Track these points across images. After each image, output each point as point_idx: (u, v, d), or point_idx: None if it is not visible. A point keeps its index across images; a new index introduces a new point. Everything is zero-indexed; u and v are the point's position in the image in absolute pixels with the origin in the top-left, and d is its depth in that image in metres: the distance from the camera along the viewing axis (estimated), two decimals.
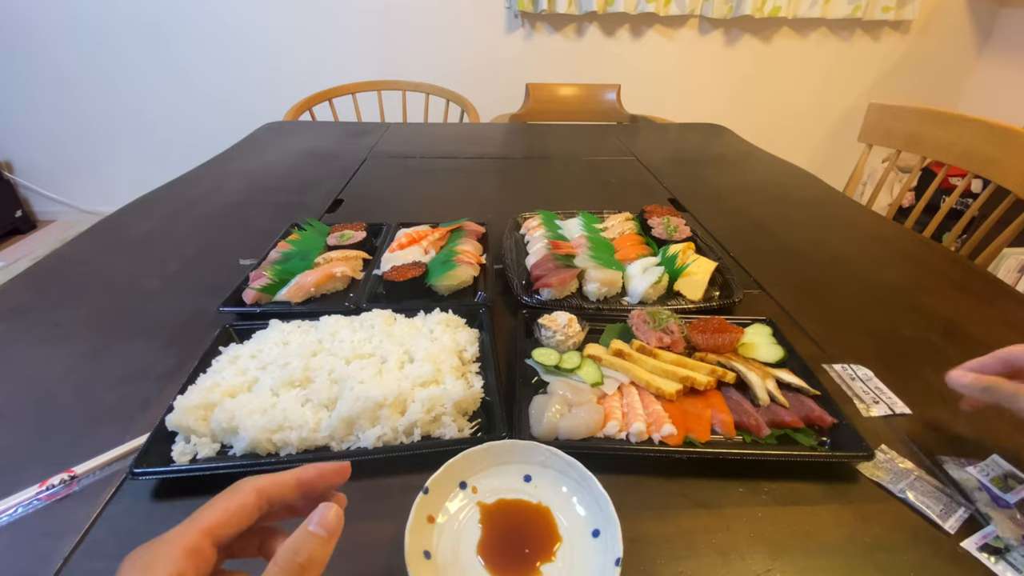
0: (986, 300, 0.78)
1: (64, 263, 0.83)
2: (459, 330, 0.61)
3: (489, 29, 2.54)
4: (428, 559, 0.37)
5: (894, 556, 0.41)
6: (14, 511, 0.43)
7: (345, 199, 1.08)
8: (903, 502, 0.45)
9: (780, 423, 0.50)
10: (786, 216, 1.05)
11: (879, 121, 1.35)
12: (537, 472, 0.44)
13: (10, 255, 2.51)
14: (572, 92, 2.09)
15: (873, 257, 0.90)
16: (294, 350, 0.55)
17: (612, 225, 0.89)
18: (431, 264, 0.74)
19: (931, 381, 0.60)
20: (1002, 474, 0.48)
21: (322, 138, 1.52)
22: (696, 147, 1.56)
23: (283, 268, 0.72)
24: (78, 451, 0.48)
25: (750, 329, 0.64)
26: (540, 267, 0.73)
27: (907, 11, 2.50)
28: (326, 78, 2.09)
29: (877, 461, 0.49)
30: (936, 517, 0.44)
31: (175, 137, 2.69)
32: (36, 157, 2.72)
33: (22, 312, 0.70)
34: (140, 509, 0.44)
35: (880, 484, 0.47)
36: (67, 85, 2.54)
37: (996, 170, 1.07)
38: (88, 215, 2.80)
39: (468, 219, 0.87)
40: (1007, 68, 2.62)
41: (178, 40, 2.48)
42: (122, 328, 0.67)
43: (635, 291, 0.71)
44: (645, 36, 2.60)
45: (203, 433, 0.48)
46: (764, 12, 2.44)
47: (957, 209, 2.12)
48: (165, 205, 1.04)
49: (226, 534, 0.25)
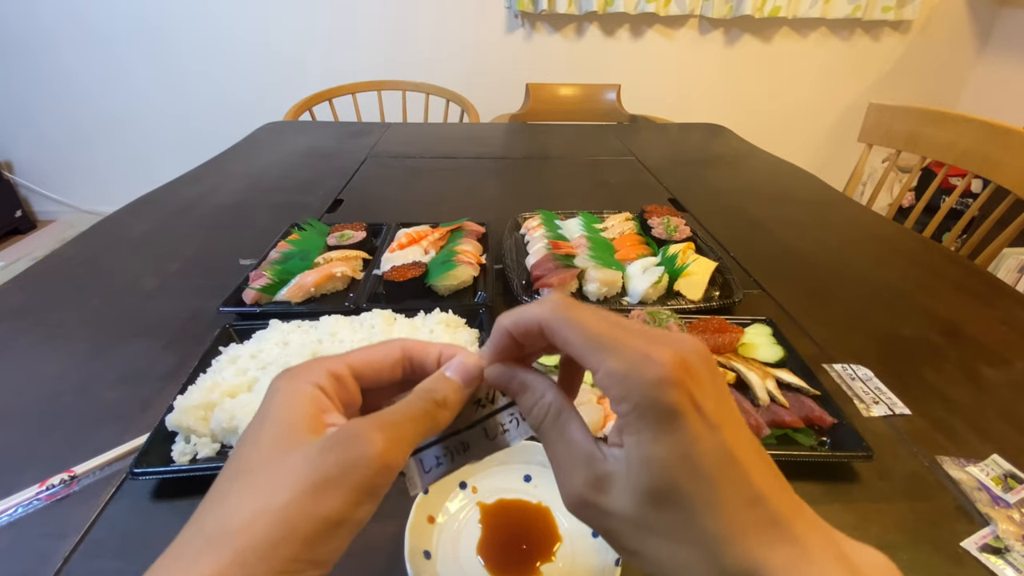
0: (986, 300, 0.78)
1: (64, 263, 0.83)
2: (459, 330, 0.61)
3: (489, 29, 2.54)
4: (428, 559, 0.37)
5: (894, 556, 0.41)
6: (14, 511, 0.43)
7: (345, 199, 1.08)
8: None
9: (780, 423, 0.50)
10: (786, 216, 1.05)
11: (879, 121, 1.35)
12: (537, 472, 0.44)
13: (10, 255, 2.51)
14: (572, 92, 2.09)
15: (873, 257, 0.90)
16: (294, 350, 0.55)
17: (612, 225, 0.89)
18: (431, 264, 0.74)
19: (931, 381, 0.60)
20: (1002, 474, 0.48)
21: (322, 138, 1.52)
22: (696, 147, 1.56)
23: (283, 268, 0.72)
24: (78, 451, 0.48)
25: (750, 329, 0.64)
26: (540, 267, 0.73)
27: (907, 11, 2.49)
28: (326, 78, 2.09)
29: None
30: None
31: (175, 137, 2.69)
32: (36, 157, 2.72)
33: (22, 312, 0.70)
34: (140, 509, 0.44)
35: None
36: (67, 85, 2.54)
37: (996, 170, 1.07)
38: (88, 215, 2.80)
39: (468, 219, 0.87)
40: (1007, 68, 2.62)
41: (178, 40, 2.48)
42: (122, 328, 0.67)
43: (635, 291, 0.71)
44: (645, 36, 2.60)
45: (203, 433, 0.48)
46: (764, 12, 2.44)
47: (957, 209, 2.12)
48: (165, 205, 1.04)
49: (367, 375, 0.26)
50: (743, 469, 0.20)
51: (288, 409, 0.22)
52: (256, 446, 0.21)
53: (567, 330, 0.23)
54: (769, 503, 0.20)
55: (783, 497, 0.20)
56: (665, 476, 0.20)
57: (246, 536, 0.19)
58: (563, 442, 0.24)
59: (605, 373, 0.21)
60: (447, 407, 0.25)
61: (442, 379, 0.26)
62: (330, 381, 0.24)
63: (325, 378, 0.24)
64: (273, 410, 0.23)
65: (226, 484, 0.21)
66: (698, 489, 0.20)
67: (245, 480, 0.21)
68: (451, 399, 0.25)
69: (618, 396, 0.21)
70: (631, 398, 0.21)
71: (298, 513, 0.19)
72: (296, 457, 0.21)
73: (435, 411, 0.24)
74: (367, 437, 0.21)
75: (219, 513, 0.20)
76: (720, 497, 0.20)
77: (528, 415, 0.25)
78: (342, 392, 0.25)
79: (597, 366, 0.22)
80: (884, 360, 0.63)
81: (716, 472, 0.20)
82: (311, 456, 0.21)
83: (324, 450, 0.21)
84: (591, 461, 0.22)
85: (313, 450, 0.21)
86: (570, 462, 0.23)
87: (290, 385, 0.23)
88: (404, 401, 0.24)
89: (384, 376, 0.26)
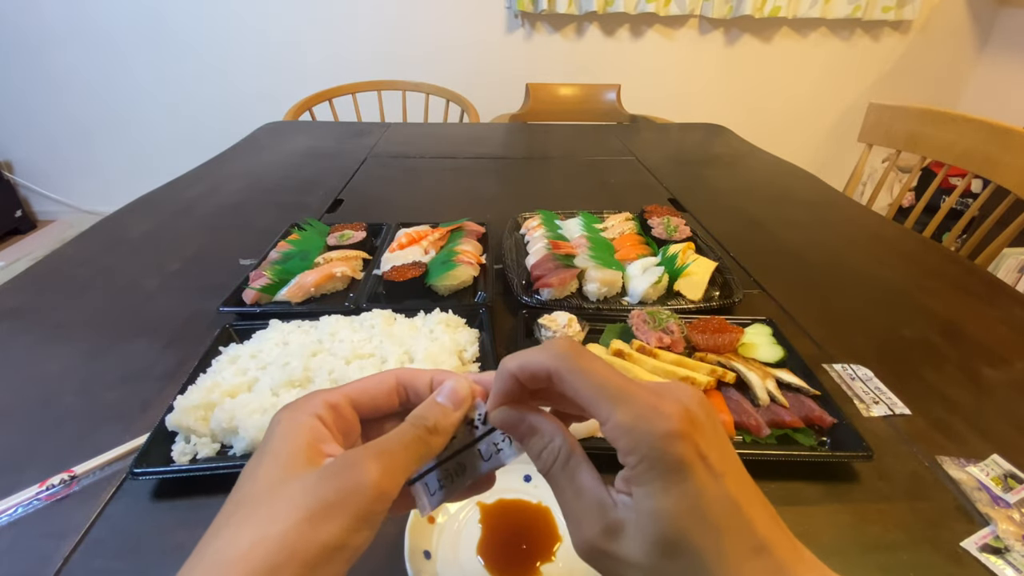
0: (986, 300, 0.78)
1: (64, 263, 0.83)
2: (459, 330, 0.61)
3: (489, 29, 2.54)
4: (428, 559, 0.37)
5: (894, 556, 0.41)
6: (14, 511, 0.43)
7: (345, 199, 1.08)
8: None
9: (780, 423, 0.50)
10: (786, 216, 1.05)
11: (879, 121, 1.34)
12: (537, 472, 0.44)
13: (10, 255, 2.51)
14: (572, 92, 2.09)
15: (873, 257, 0.90)
16: (294, 350, 0.55)
17: (612, 225, 0.89)
18: (431, 264, 0.74)
19: (931, 381, 0.60)
20: (1002, 474, 0.48)
21: (322, 138, 1.52)
22: (696, 147, 1.56)
23: (283, 268, 0.72)
24: (78, 451, 0.48)
25: (750, 329, 0.64)
26: (540, 267, 0.73)
27: (907, 11, 2.49)
28: (326, 78, 2.09)
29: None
30: None
31: (175, 137, 2.69)
32: (36, 157, 2.72)
33: (22, 312, 0.70)
34: (140, 509, 0.44)
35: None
36: (67, 85, 2.54)
37: (996, 170, 1.07)
38: (88, 215, 2.80)
39: (468, 219, 0.87)
40: (1007, 68, 2.62)
41: (178, 40, 2.48)
42: (122, 328, 0.67)
43: (635, 291, 0.71)
44: (645, 36, 2.60)
45: (203, 433, 0.48)
46: (764, 12, 2.44)
47: (957, 209, 2.12)
48: (165, 205, 1.04)
49: (365, 404, 0.27)
50: (747, 518, 0.21)
51: (287, 441, 0.23)
52: (255, 479, 0.22)
53: (576, 380, 0.23)
54: (774, 551, 0.21)
55: (786, 543, 0.21)
56: (675, 527, 0.21)
57: (246, 563, 0.19)
58: (573, 489, 0.24)
59: (613, 425, 0.22)
60: (439, 432, 0.25)
61: (433, 405, 0.26)
62: (328, 412, 0.25)
63: (323, 409, 0.25)
64: (273, 443, 0.24)
65: (226, 515, 0.21)
66: (706, 538, 0.21)
67: (245, 511, 0.21)
68: (442, 424, 0.26)
69: (626, 448, 0.22)
70: (639, 450, 0.21)
71: (297, 539, 0.20)
72: (294, 486, 0.21)
73: (427, 437, 0.25)
74: (363, 466, 0.22)
75: (219, 543, 0.20)
76: (727, 546, 0.20)
77: (536, 459, 0.25)
78: (340, 422, 0.25)
79: (605, 418, 0.22)
80: (884, 360, 0.63)
81: (723, 521, 0.21)
82: (309, 485, 0.21)
83: (322, 479, 0.22)
84: (602, 509, 0.23)
85: (311, 479, 0.22)
86: (581, 509, 0.23)
87: (290, 417, 0.24)
88: (397, 429, 0.25)
89: (380, 404, 0.27)
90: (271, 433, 0.24)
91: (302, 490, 0.21)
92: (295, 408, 0.25)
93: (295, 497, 0.21)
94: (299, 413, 0.24)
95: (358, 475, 0.22)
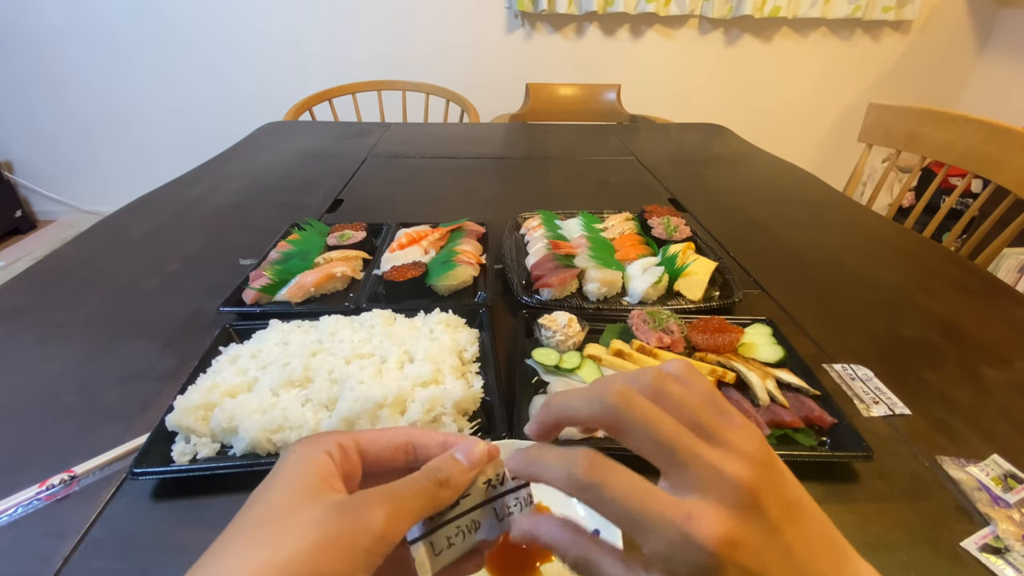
0: (986, 300, 0.78)
1: (64, 263, 0.83)
2: (459, 330, 0.61)
3: (489, 29, 2.54)
4: None
5: (894, 556, 0.41)
6: (14, 511, 0.43)
7: (345, 199, 1.08)
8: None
9: (780, 423, 0.50)
10: (786, 216, 1.05)
11: (879, 121, 1.35)
12: None
13: (10, 255, 2.51)
14: (572, 92, 2.09)
15: (873, 257, 0.90)
16: (294, 350, 0.55)
17: (612, 225, 0.89)
18: (431, 264, 0.74)
19: (931, 381, 0.60)
20: (1002, 474, 0.48)
21: (322, 138, 1.52)
22: (696, 147, 1.56)
23: (283, 268, 0.72)
24: (78, 451, 0.48)
25: (750, 329, 0.64)
26: (540, 267, 0.73)
27: (907, 11, 2.50)
28: (326, 78, 2.09)
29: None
30: None
31: (175, 137, 2.69)
32: (36, 157, 2.72)
33: (22, 312, 0.70)
34: (140, 509, 0.44)
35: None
36: (67, 85, 2.54)
37: (996, 170, 1.07)
38: (88, 215, 2.80)
39: (468, 219, 0.87)
40: (1007, 68, 2.62)
41: (178, 40, 2.48)
42: (122, 328, 0.67)
43: (635, 291, 0.71)
44: (645, 36, 2.60)
45: (203, 433, 0.48)
46: (764, 12, 2.44)
47: (957, 209, 2.12)
48: (165, 205, 1.04)
49: (371, 452, 0.27)
50: None
51: (300, 471, 0.24)
52: (267, 502, 0.23)
53: (602, 507, 0.23)
54: None
55: None
56: None
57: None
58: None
59: (649, 552, 0.22)
60: (450, 487, 0.26)
61: (450, 459, 0.27)
62: (339, 451, 0.26)
63: (335, 447, 0.26)
64: (285, 471, 0.25)
65: (233, 536, 0.22)
66: None
67: (253, 533, 0.22)
68: (455, 480, 0.26)
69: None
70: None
71: (300, 568, 0.20)
72: (305, 517, 0.22)
73: (437, 490, 0.25)
74: (372, 510, 0.23)
75: (222, 563, 0.21)
76: None
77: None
78: (345, 463, 0.26)
79: (640, 544, 0.22)
80: (884, 360, 0.63)
81: None
82: (318, 518, 0.22)
83: (331, 515, 0.22)
84: None
85: (320, 512, 0.22)
86: None
87: (304, 449, 0.25)
88: (410, 477, 0.25)
89: (387, 458, 0.28)
90: (283, 461, 0.25)
91: (313, 521, 0.22)
92: (310, 443, 0.26)
93: (304, 527, 0.22)
94: (313, 448, 0.25)
95: (367, 517, 0.22)
